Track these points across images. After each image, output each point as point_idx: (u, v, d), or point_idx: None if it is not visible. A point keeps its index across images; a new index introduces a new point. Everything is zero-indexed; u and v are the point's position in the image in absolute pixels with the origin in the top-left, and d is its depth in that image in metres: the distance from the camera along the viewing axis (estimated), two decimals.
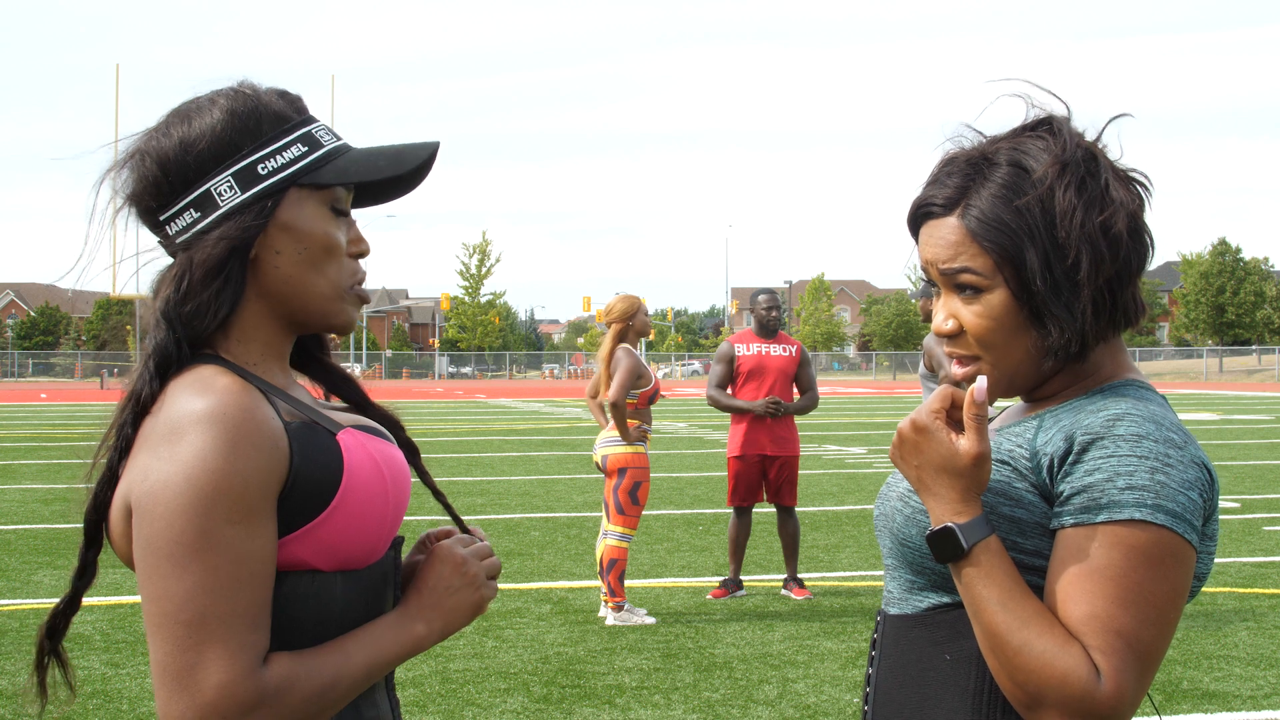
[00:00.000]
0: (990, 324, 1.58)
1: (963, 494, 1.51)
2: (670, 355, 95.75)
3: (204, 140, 1.54)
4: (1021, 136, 1.61)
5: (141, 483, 1.45)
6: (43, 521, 11.66)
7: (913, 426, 1.54)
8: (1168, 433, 1.53)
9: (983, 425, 1.51)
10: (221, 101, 1.57)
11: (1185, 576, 1.50)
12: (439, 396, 46.52)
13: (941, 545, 1.52)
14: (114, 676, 6.20)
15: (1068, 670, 1.44)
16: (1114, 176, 1.59)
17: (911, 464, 1.55)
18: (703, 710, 5.67)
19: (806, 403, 8.43)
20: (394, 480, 1.57)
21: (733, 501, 8.29)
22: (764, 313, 8.44)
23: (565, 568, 9.30)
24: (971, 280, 1.58)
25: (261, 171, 1.54)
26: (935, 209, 1.62)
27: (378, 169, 1.60)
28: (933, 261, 1.62)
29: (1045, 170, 1.56)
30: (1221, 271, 74.08)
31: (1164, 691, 5.95)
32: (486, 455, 19.10)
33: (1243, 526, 11.31)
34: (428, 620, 1.58)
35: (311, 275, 1.57)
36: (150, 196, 1.56)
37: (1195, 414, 30.85)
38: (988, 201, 1.57)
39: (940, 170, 1.64)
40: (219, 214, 1.54)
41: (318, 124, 1.61)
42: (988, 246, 1.56)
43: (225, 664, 1.40)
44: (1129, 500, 1.47)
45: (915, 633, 1.63)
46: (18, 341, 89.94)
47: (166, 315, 1.53)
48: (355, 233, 1.63)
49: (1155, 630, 1.47)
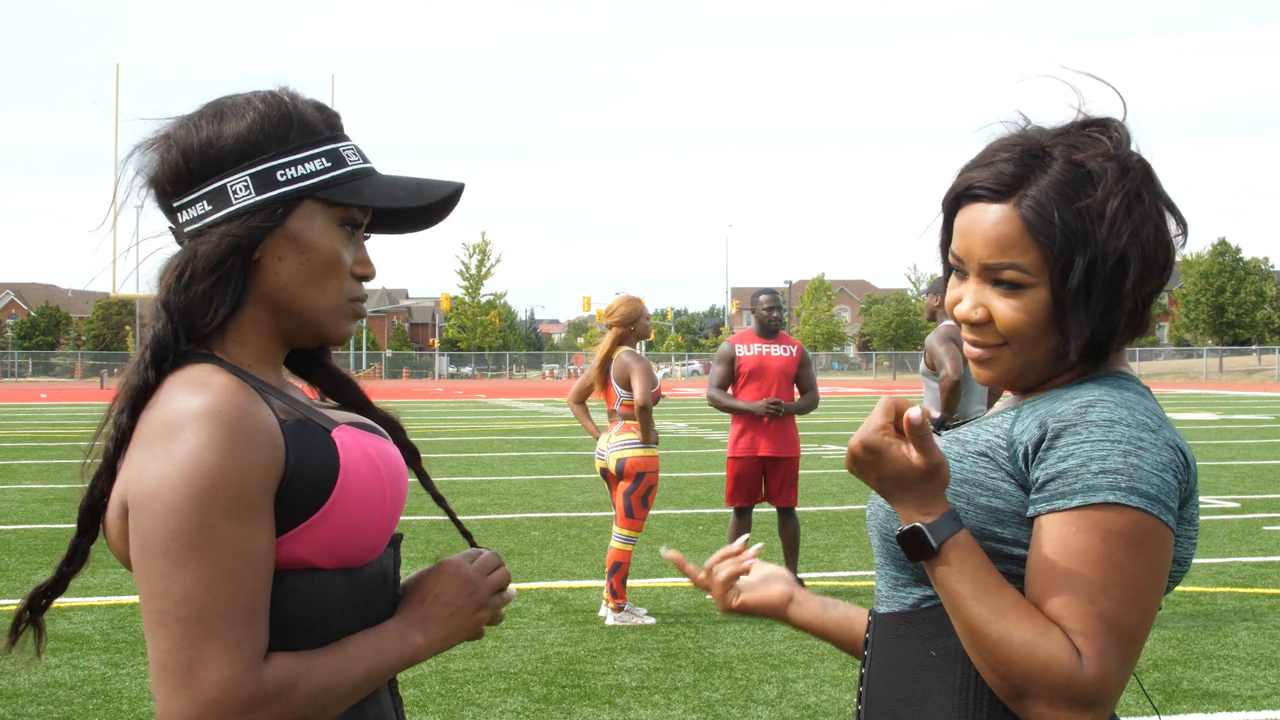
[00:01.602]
0: (1025, 319, 1.57)
1: (925, 498, 1.52)
2: (670, 355, 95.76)
3: (230, 137, 1.56)
4: (1081, 134, 1.58)
5: (138, 481, 1.45)
6: (43, 521, 11.66)
7: (862, 447, 1.53)
8: (1140, 417, 1.53)
9: (927, 441, 1.50)
10: (256, 103, 1.58)
11: (1164, 558, 1.50)
12: (439, 396, 46.51)
13: (911, 545, 1.52)
14: (114, 676, 6.20)
15: (1049, 656, 1.45)
16: (1167, 197, 1.59)
17: (870, 478, 1.55)
18: (703, 710, 5.67)
19: (807, 403, 8.42)
20: (391, 477, 1.57)
21: (732, 502, 8.28)
22: (765, 313, 8.44)
23: (565, 568, 9.30)
24: (1016, 278, 1.56)
25: (280, 178, 1.55)
26: (984, 192, 1.58)
27: (395, 197, 1.60)
28: (972, 253, 1.59)
29: (1108, 175, 1.54)
30: (1221, 271, 74.08)
31: (1164, 691, 5.95)
32: (486, 455, 19.10)
33: (1243, 526, 11.31)
34: (427, 632, 1.58)
35: (310, 288, 1.57)
36: (169, 181, 1.58)
37: (1195, 414, 30.85)
38: (1046, 195, 1.54)
39: (992, 153, 1.60)
40: (229, 211, 1.55)
41: (347, 144, 1.61)
42: (1042, 242, 1.54)
43: (225, 660, 1.40)
44: (1103, 484, 1.48)
45: (903, 630, 1.63)
46: (18, 341, 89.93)
47: (166, 305, 1.54)
48: (364, 255, 1.63)
49: (1136, 612, 1.48)
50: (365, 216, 1.62)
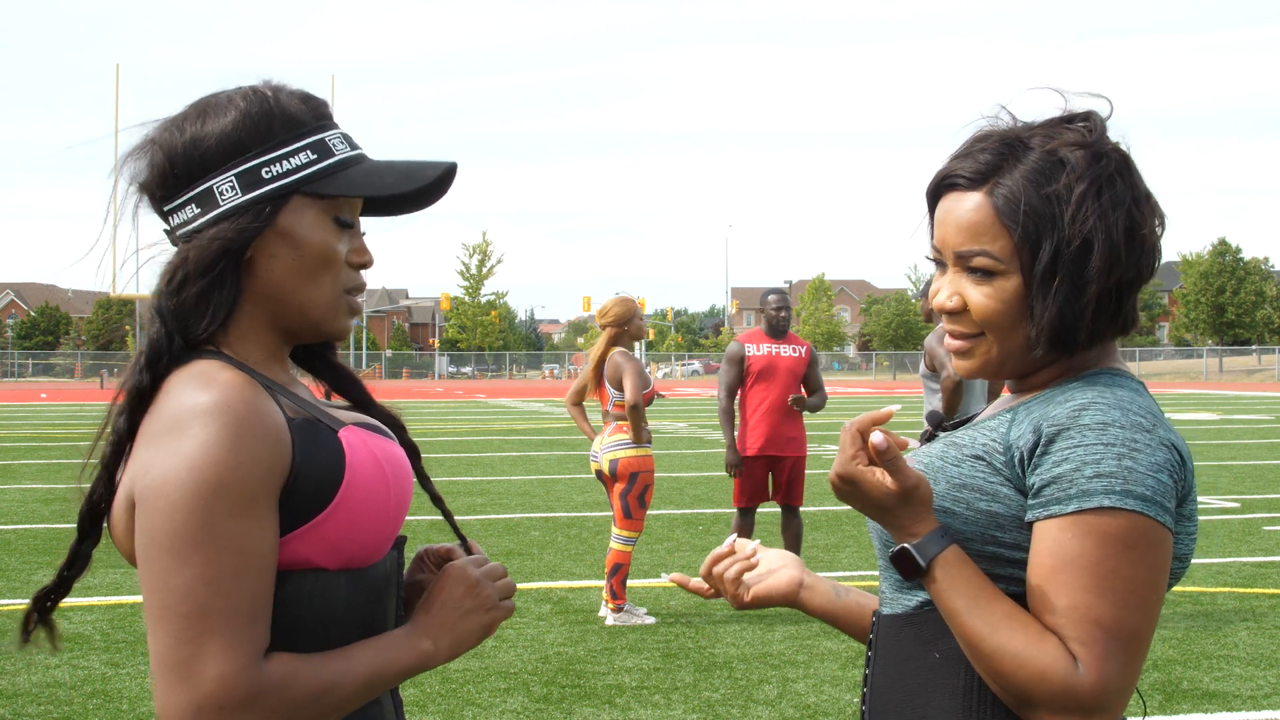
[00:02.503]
0: (998, 307, 1.58)
1: (906, 520, 1.53)
2: (670, 355, 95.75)
3: (213, 137, 1.55)
4: (1059, 126, 1.60)
5: (144, 476, 1.45)
6: (43, 521, 11.66)
7: (840, 479, 1.56)
8: (1134, 417, 1.52)
9: (897, 464, 1.52)
10: (238, 100, 1.57)
11: (1163, 559, 1.50)
12: (439, 396, 46.50)
13: (903, 565, 1.54)
14: (114, 676, 6.20)
15: (1044, 667, 1.45)
16: (1146, 188, 1.59)
17: (855, 505, 1.57)
18: (703, 710, 5.67)
19: (816, 401, 8.43)
20: (396, 478, 1.57)
21: (739, 502, 8.29)
22: (774, 313, 8.42)
23: (565, 568, 9.30)
24: (987, 264, 1.57)
25: (265, 175, 1.54)
26: (961, 181, 1.60)
27: (385, 185, 1.59)
28: (947, 241, 1.61)
29: (1077, 161, 1.55)
30: (1221, 271, 74.08)
31: (1164, 691, 5.95)
32: (486, 455, 19.10)
33: (1243, 526, 11.31)
34: (435, 638, 1.57)
35: (305, 283, 1.56)
36: (157, 185, 1.58)
37: (1195, 414, 30.85)
38: (1018, 183, 1.56)
39: (971, 145, 1.62)
40: (217, 213, 1.54)
41: (333, 132, 1.60)
42: (1010, 227, 1.55)
43: (225, 656, 1.40)
44: (1098, 488, 1.48)
45: (906, 632, 1.63)
46: (18, 341, 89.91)
47: (159, 310, 1.54)
48: (359, 243, 1.62)
49: (1136, 615, 1.48)
50: (357, 204, 1.62)
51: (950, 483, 1.58)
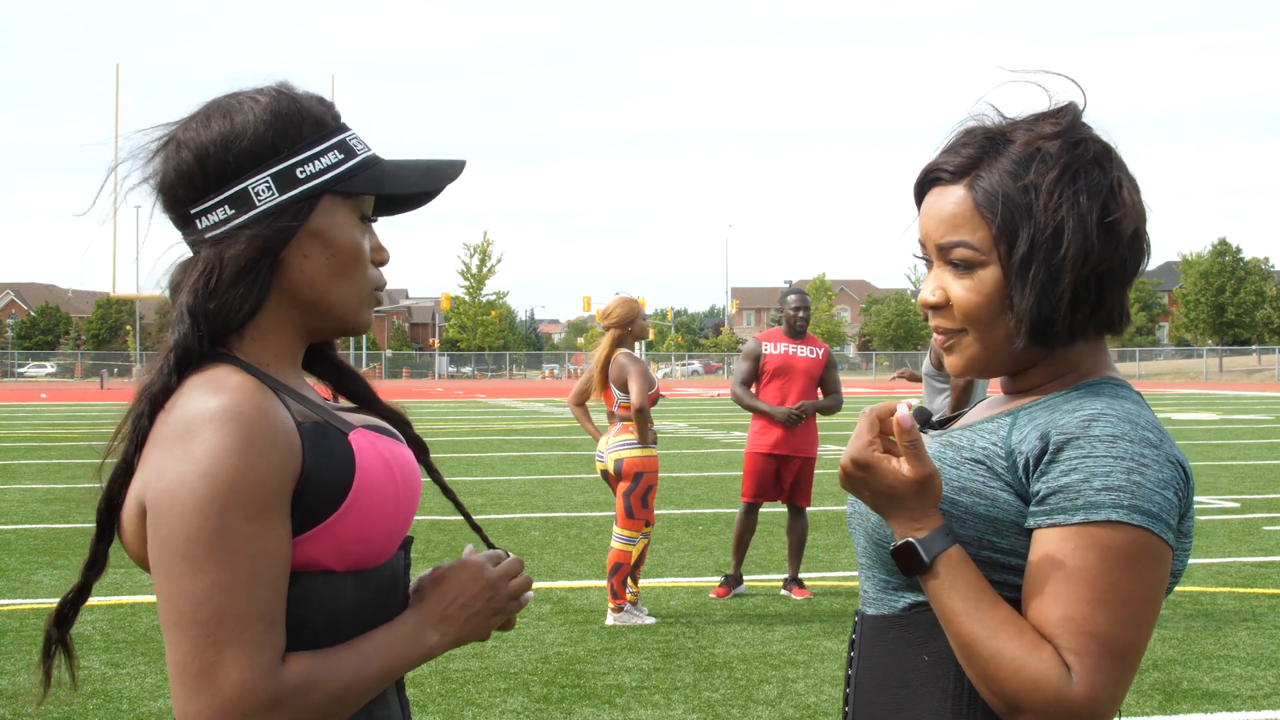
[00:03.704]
0: (979, 299, 1.58)
1: (917, 513, 1.52)
2: (670, 355, 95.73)
3: (246, 138, 1.54)
4: (1041, 120, 1.61)
5: (156, 482, 1.45)
6: (43, 521, 11.66)
7: (854, 464, 1.53)
8: (1143, 432, 1.52)
9: (918, 448, 1.51)
10: (265, 101, 1.57)
11: (1162, 576, 1.50)
12: (439, 396, 46.51)
13: (904, 560, 1.52)
14: (114, 676, 6.20)
15: (1038, 675, 1.45)
16: (1125, 177, 1.59)
17: (864, 495, 1.56)
18: (703, 710, 5.68)
19: (832, 403, 8.44)
20: (404, 480, 1.57)
21: (746, 497, 8.30)
22: (793, 313, 8.42)
23: (565, 568, 9.30)
24: (966, 256, 1.58)
25: (300, 175, 1.55)
26: (944, 175, 1.61)
27: (409, 183, 1.61)
28: (930, 235, 1.62)
29: (1051, 150, 1.56)
30: (1221, 271, 74.08)
31: (1164, 691, 5.96)
32: (486, 455, 19.10)
33: (1243, 526, 11.31)
34: (441, 631, 1.58)
35: (337, 281, 1.57)
36: (183, 187, 1.56)
37: (1195, 414, 30.85)
38: (997, 176, 1.57)
39: (956, 140, 1.63)
40: (255, 213, 1.53)
41: (351, 132, 1.61)
42: (989, 218, 1.56)
43: (244, 663, 1.40)
44: (1105, 501, 1.47)
45: (893, 633, 1.62)
46: (18, 341, 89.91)
47: (193, 311, 1.51)
48: (377, 241, 1.64)
49: (1131, 630, 1.47)
50: (372, 203, 1.63)
51: (949, 485, 1.57)
